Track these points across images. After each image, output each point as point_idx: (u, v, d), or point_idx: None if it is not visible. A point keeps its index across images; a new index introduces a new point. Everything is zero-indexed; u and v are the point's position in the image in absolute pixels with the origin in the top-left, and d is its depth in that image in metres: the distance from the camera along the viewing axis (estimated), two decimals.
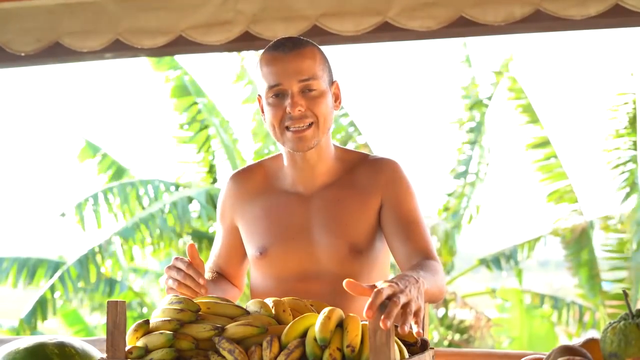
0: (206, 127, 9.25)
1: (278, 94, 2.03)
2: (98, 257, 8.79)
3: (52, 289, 8.70)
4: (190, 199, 8.76)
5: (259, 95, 2.09)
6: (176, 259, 1.93)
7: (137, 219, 8.64)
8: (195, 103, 9.21)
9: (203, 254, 8.96)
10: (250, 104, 9.53)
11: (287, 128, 2.03)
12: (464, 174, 9.78)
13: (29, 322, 8.71)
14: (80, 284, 8.79)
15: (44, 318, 8.75)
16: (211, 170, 9.41)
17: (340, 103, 2.12)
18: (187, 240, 8.98)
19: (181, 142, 9.44)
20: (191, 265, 1.91)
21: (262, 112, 2.10)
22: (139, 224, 8.61)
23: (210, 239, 9.00)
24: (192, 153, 9.46)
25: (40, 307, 8.71)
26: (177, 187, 9.16)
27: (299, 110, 2.00)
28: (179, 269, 1.91)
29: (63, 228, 8.78)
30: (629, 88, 8.85)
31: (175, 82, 9.22)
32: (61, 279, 8.71)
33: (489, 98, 9.80)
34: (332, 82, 2.10)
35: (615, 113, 8.85)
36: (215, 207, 8.75)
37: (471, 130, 9.81)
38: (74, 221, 8.62)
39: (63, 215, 8.65)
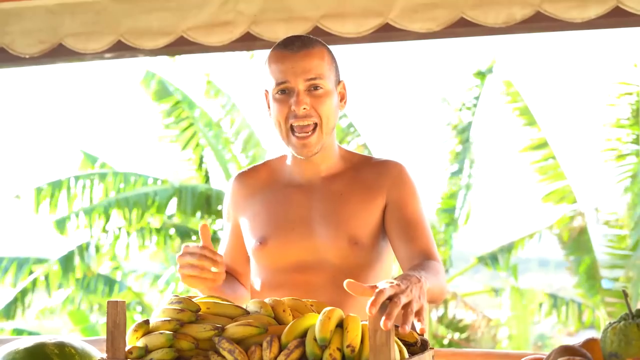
0: (191, 125, 9.33)
1: (284, 90, 2.05)
2: (85, 254, 8.85)
3: (35, 283, 8.78)
4: (156, 193, 8.78)
5: (266, 90, 2.11)
6: (186, 246, 1.94)
7: (87, 206, 8.71)
8: (178, 102, 9.29)
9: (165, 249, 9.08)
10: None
11: (292, 129, 2.04)
12: (458, 173, 9.80)
13: (7, 314, 8.78)
14: (65, 280, 8.86)
15: (23, 310, 8.83)
16: (200, 168, 9.46)
17: (345, 103, 2.14)
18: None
19: (168, 141, 9.52)
20: (204, 246, 1.91)
21: (268, 107, 2.11)
22: (89, 211, 8.66)
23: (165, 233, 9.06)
24: (184, 153, 9.54)
25: (21, 300, 8.78)
26: (155, 181, 9.21)
27: (304, 109, 2.02)
28: (192, 253, 1.91)
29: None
30: (632, 79, 8.81)
31: (157, 86, 9.31)
32: (45, 275, 8.78)
33: (477, 98, 9.81)
34: (338, 82, 2.11)
35: (617, 102, 8.79)
36: (181, 204, 8.82)
37: (462, 130, 9.82)
38: (30, 203, 8.66)
39: (18, 197, 8.69)
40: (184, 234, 9.23)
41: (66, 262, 8.84)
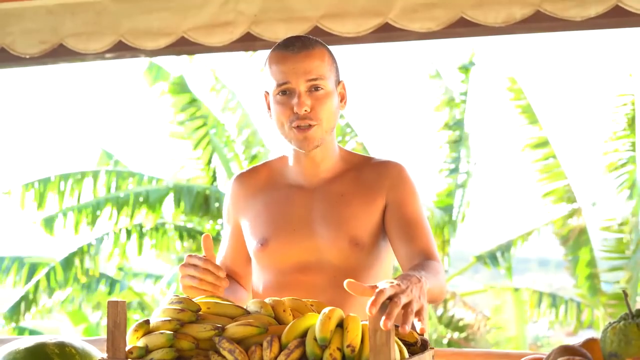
0: (204, 124, 9.32)
1: (285, 91, 2.05)
2: (86, 256, 8.85)
3: (37, 285, 8.78)
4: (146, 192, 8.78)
5: (266, 91, 2.11)
6: (190, 256, 1.94)
7: (75, 205, 8.70)
8: (194, 100, 9.28)
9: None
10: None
11: (293, 127, 2.04)
12: (454, 171, 9.79)
13: (11, 317, 8.78)
14: (65, 281, 8.86)
15: (27, 311, 8.83)
16: (208, 167, 9.46)
17: (345, 103, 2.14)
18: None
19: (179, 138, 9.52)
20: (208, 260, 1.92)
21: (269, 108, 2.11)
22: (78, 210, 8.65)
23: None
24: (190, 152, 9.52)
25: (26, 302, 8.78)
26: (150, 180, 9.20)
27: (305, 110, 2.02)
28: (195, 266, 1.92)
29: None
30: (627, 89, 8.88)
31: (176, 81, 9.30)
32: (47, 276, 8.77)
33: (464, 93, 9.81)
34: (338, 82, 2.12)
35: (614, 114, 8.87)
36: (177, 203, 8.81)
37: (452, 128, 9.81)
38: (17, 200, 8.64)
39: (8, 193, 8.67)
40: (183, 234, 9.22)
41: (67, 264, 8.83)
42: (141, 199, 8.74)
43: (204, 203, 8.88)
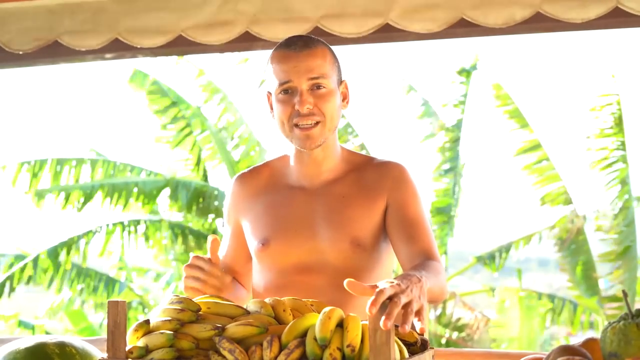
0: (187, 125, 9.34)
1: (287, 90, 2.05)
2: (72, 247, 8.84)
3: (21, 275, 8.78)
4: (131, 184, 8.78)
5: (268, 92, 2.11)
6: (196, 257, 1.95)
7: (70, 184, 8.69)
8: (174, 103, 9.30)
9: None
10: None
11: (296, 125, 2.04)
12: (450, 171, 9.79)
13: None
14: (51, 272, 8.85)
15: (9, 295, 8.84)
16: (198, 168, 9.47)
17: (348, 102, 2.15)
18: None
19: (165, 141, 9.54)
20: (214, 264, 1.92)
21: (271, 109, 2.12)
22: (71, 189, 8.64)
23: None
24: (181, 154, 9.54)
25: (10, 289, 8.79)
26: (149, 174, 9.20)
27: (308, 108, 2.03)
28: (201, 268, 1.92)
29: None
30: (611, 89, 8.92)
31: (151, 87, 9.33)
32: (34, 267, 8.77)
33: (464, 95, 9.83)
34: (340, 82, 2.12)
35: (599, 114, 8.92)
36: (174, 198, 8.80)
37: (452, 129, 9.82)
38: (10, 176, 8.64)
39: (4, 167, 8.69)
40: (181, 232, 9.21)
41: (54, 257, 8.83)
42: (136, 190, 8.75)
43: (203, 200, 8.89)
